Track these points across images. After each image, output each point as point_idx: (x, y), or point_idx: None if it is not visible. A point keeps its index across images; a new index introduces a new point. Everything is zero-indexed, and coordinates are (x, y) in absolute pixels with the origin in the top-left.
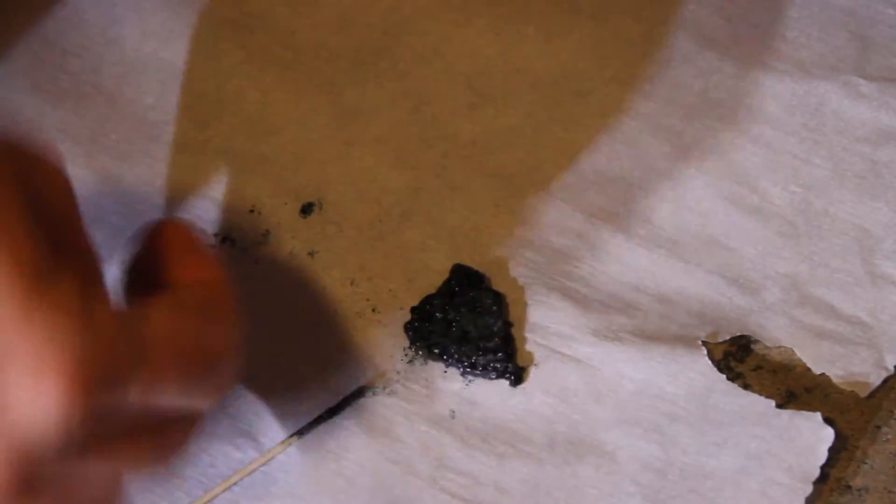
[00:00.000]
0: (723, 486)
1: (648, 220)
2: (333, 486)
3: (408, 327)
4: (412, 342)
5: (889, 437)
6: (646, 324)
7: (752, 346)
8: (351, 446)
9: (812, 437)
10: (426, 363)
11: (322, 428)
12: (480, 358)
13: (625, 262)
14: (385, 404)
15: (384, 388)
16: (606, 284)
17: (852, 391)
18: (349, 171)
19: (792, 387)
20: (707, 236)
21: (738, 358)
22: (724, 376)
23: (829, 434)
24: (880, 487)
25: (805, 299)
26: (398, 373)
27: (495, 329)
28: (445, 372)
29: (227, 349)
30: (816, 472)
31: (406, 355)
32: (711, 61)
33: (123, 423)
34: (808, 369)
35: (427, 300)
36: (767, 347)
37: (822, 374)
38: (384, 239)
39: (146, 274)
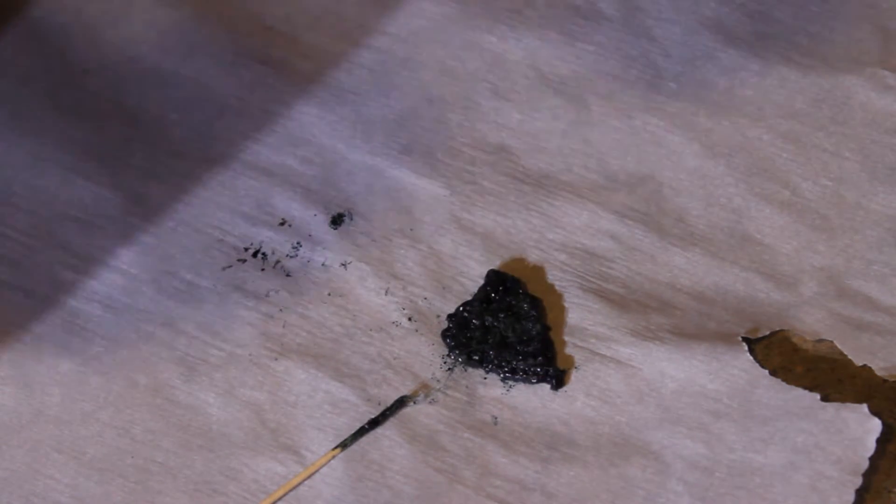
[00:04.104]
0: (771, 481)
1: (681, 218)
2: (379, 497)
3: (445, 335)
4: (451, 350)
5: None
6: (684, 322)
7: (793, 340)
8: (395, 457)
9: (859, 428)
10: (466, 370)
11: (365, 440)
12: (520, 363)
13: (659, 261)
14: (427, 413)
15: (425, 397)
16: (642, 284)
17: None
18: (377, 180)
19: (834, 379)
20: (740, 233)
21: (779, 352)
22: (767, 371)
23: (876, 425)
24: None
25: (842, 292)
26: (438, 381)
27: (534, 333)
28: (485, 378)
29: None
30: (866, 464)
31: (445, 363)
32: (736, 59)
33: None
34: (850, 361)
35: (463, 307)
36: (807, 341)
37: (864, 365)
38: (416, 247)
39: None
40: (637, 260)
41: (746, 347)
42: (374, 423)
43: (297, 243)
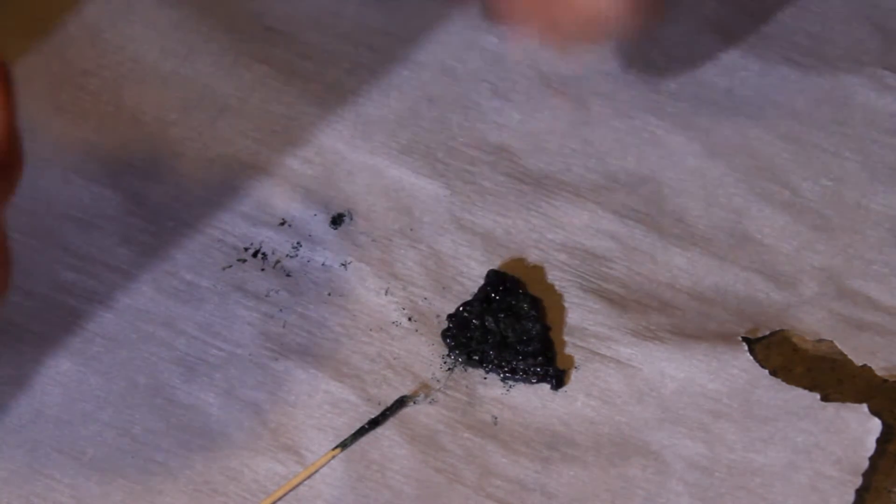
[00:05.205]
0: (772, 481)
1: (681, 219)
2: (379, 497)
3: (445, 335)
4: (451, 350)
5: None
6: (684, 322)
7: (793, 340)
8: (395, 457)
9: (859, 428)
10: (466, 370)
11: (365, 440)
12: (520, 363)
13: (659, 261)
14: (427, 413)
15: (425, 397)
16: (642, 284)
17: None
18: (378, 180)
19: (834, 379)
20: (740, 233)
21: (779, 352)
22: (767, 371)
23: (876, 425)
24: None
25: (842, 292)
26: (438, 381)
27: (534, 333)
28: (485, 378)
29: None
30: (865, 464)
31: (445, 363)
32: (736, 59)
33: None
34: (850, 361)
35: (463, 307)
36: (807, 341)
37: (864, 365)
38: (416, 247)
39: None
40: (637, 260)
41: (746, 347)
42: (374, 423)
43: (297, 243)
